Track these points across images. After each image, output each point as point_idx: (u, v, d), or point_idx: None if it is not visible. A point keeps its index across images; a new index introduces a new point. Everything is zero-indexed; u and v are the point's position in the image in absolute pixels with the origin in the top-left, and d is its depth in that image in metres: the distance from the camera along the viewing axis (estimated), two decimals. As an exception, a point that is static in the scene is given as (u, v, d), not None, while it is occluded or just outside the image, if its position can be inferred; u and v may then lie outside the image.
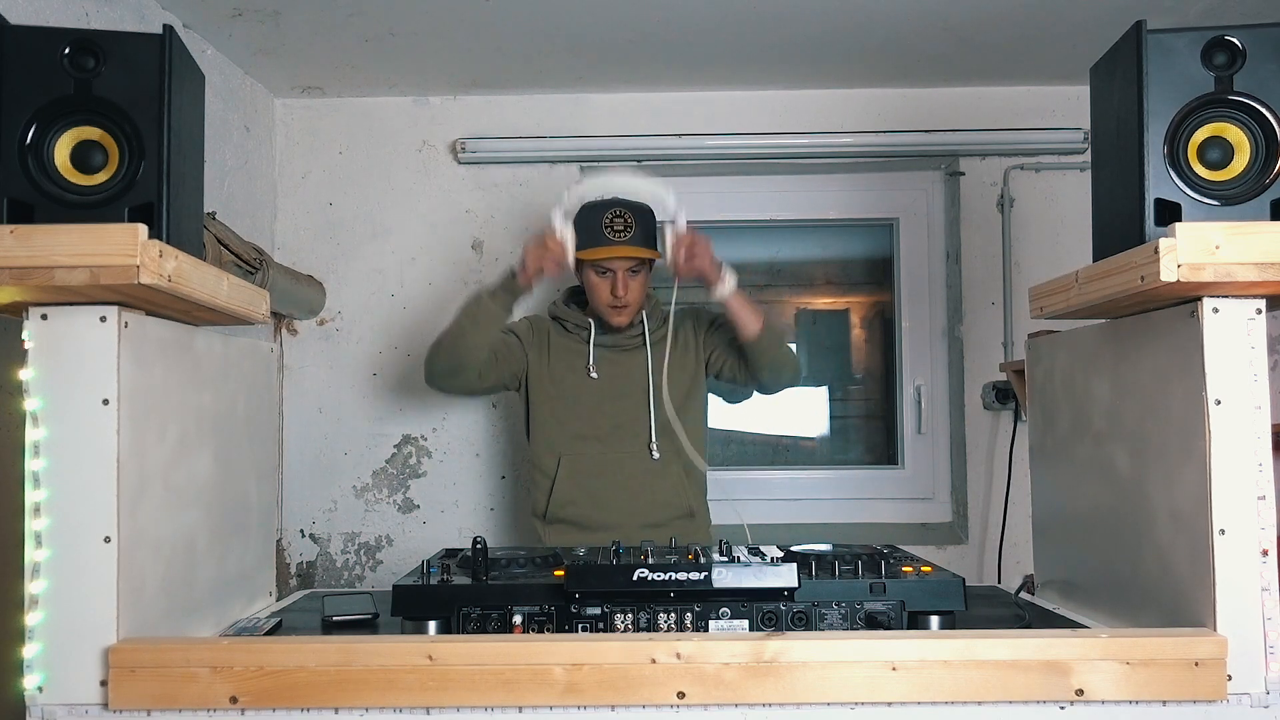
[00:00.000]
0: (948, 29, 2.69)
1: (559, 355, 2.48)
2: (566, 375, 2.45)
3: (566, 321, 2.49)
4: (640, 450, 2.42)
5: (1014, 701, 1.27)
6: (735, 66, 2.97)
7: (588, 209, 2.39)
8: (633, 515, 2.36)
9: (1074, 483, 1.67)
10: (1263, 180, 1.34)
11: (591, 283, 2.41)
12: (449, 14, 2.57)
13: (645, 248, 2.38)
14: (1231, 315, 1.31)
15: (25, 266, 1.21)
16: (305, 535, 3.17)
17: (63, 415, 1.28)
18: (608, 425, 2.42)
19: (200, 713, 1.27)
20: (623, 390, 2.44)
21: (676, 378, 2.43)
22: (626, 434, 2.42)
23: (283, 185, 3.20)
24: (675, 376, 2.42)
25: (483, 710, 1.27)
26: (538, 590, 1.42)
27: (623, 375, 2.46)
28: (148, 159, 1.30)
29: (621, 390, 2.44)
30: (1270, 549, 1.29)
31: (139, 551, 1.32)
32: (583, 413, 2.43)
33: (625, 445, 2.42)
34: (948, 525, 3.18)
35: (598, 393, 2.44)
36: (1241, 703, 1.28)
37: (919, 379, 3.22)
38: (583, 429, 2.42)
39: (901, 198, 3.25)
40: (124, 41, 1.31)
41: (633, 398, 2.44)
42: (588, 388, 2.44)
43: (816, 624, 1.41)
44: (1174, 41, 1.34)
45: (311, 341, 3.18)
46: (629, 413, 2.43)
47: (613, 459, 2.41)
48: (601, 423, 2.42)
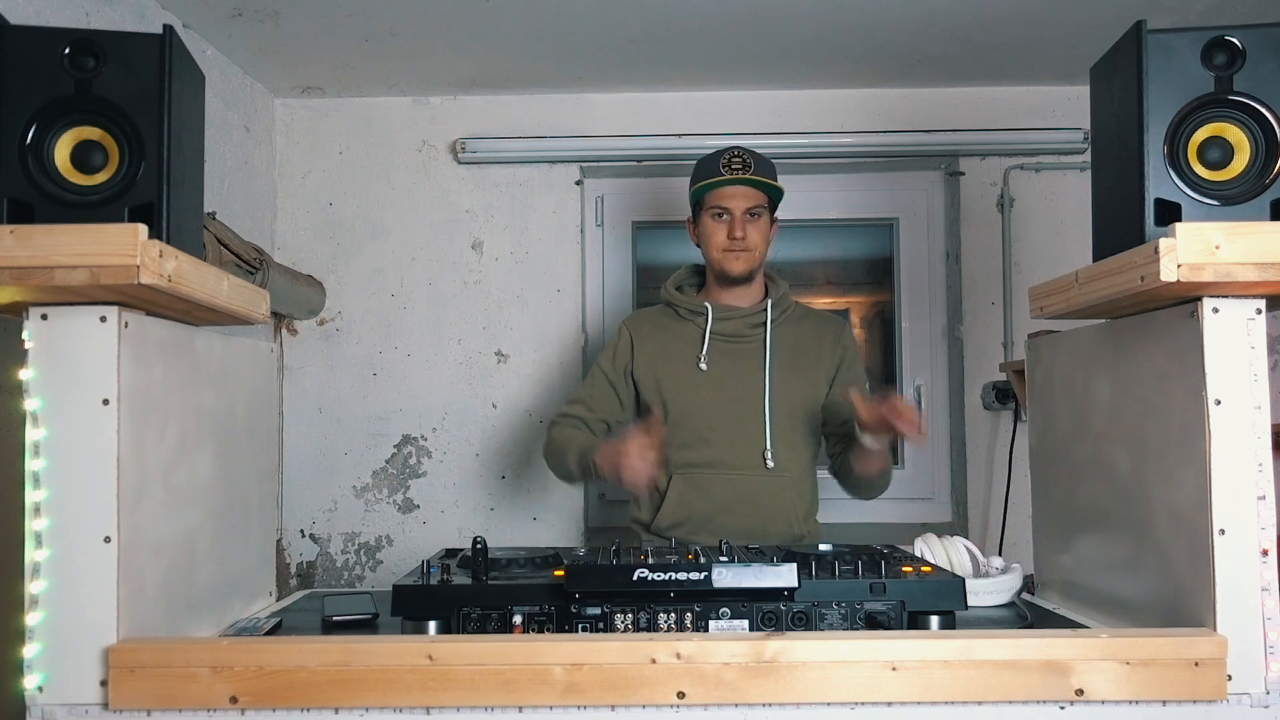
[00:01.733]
0: (948, 29, 2.69)
1: (668, 348, 2.28)
2: (674, 370, 2.25)
3: (679, 306, 2.31)
4: (754, 459, 2.20)
5: (1014, 701, 1.26)
6: (735, 66, 2.97)
7: (706, 156, 2.28)
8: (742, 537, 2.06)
9: (1074, 483, 1.67)
10: (1263, 180, 1.33)
11: (707, 230, 2.25)
12: (449, 14, 2.57)
13: (766, 182, 2.23)
14: (1231, 315, 1.31)
15: (25, 266, 1.21)
16: (305, 535, 3.17)
17: (63, 415, 1.28)
18: (719, 429, 2.21)
19: (200, 713, 1.27)
20: (736, 387, 2.23)
21: (795, 383, 2.24)
22: (740, 439, 2.21)
23: (283, 185, 3.20)
24: (794, 382, 2.24)
25: (483, 710, 1.27)
26: (538, 590, 1.42)
27: (739, 370, 2.24)
28: (148, 159, 1.30)
29: (734, 387, 2.23)
30: (1270, 549, 1.29)
31: (139, 551, 1.32)
32: (693, 416, 2.22)
33: (738, 452, 2.21)
34: (948, 525, 3.18)
35: (709, 389, 2.22)
36: (1241, 703, 1.28)
37: (919, 379, 3.22)
38: (692, 437, 2.21)
39: (901, 198, 3.25)
40: (124, 41, 1.31)
41: (746, 397, 2.22)
42: (697, 383, 2.23)
43: (816, 624, 1.41)
44: (1174, 41, 1.34)
45: (311, 341, 3.18)
46: (742, 414, 2.21)
47: (723, 477, 2.20)
48: (712, 426, 2.21)
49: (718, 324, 2.25)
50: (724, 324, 2.26)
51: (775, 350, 2.25)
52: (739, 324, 2.26)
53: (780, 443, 2.21)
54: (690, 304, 2.29)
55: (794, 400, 2.23)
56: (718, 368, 2.23)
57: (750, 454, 2.21)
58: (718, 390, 2.22)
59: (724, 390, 2.22)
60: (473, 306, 3.18)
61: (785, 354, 2.26)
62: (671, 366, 2.26)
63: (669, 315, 2.33)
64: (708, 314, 2.25)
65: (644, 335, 2.31)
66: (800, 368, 2.26)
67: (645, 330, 2.32)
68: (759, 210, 2.23)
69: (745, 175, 2.20)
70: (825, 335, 2.31)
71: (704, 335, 2.24)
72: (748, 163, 2.22)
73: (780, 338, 2.27)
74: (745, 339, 2.26)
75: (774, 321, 2.27)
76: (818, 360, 2.28)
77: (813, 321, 2.34)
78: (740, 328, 2.26)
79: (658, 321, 2.34)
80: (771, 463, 2.20)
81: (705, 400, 2.22)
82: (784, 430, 2.21)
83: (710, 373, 2.23)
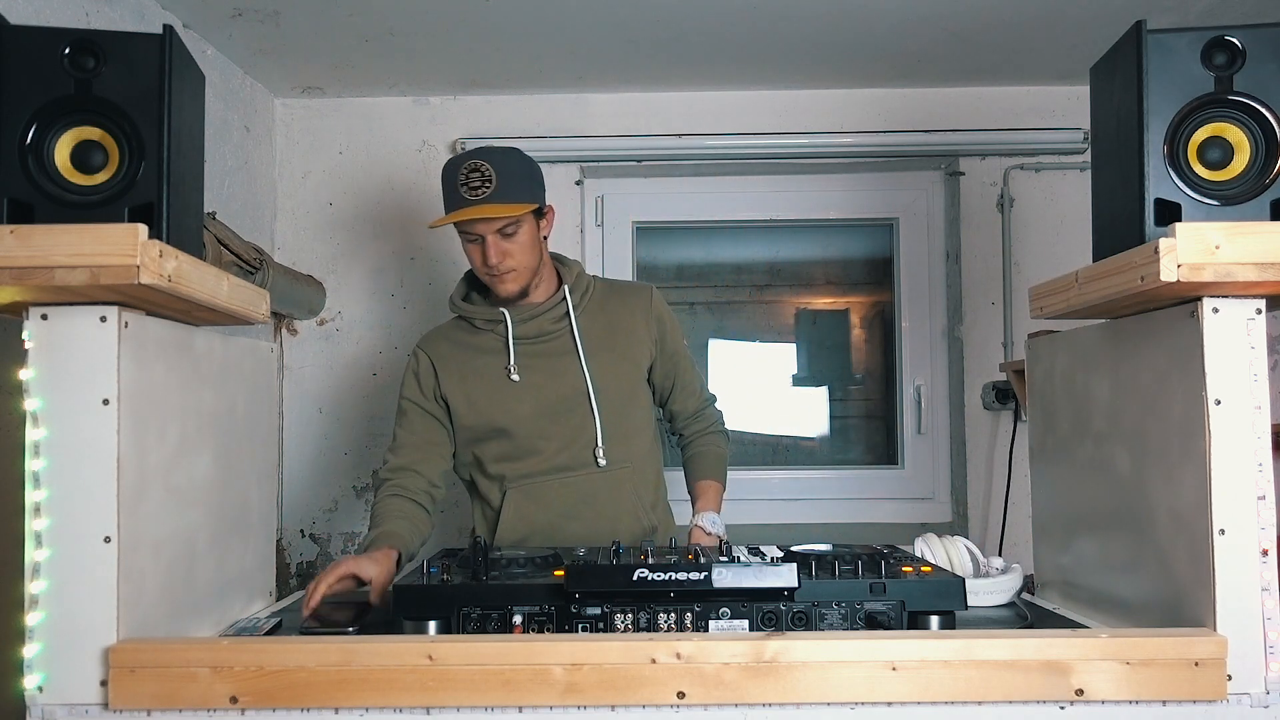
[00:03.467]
0: (948, 29, 2.69)
1: (472, 365, 2.07)
2: (486, 388, 2.06)
3: (474, 318, 2.09)
4: (586, 458, 2.05)
5: (1014, 701, 1.26)
6: (735, 66, 2.97)
7: (447, 166, 2.00)
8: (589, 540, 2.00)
9: (1074, 483, 1.67)
10: (1262, 180, 1.34)
11: (467, 252, 2.03)
12: (449, 14, 2.57)
13: (510, 202, 1.94)
14: (1231, 315, 1.31)
15: (25, 266, 1.21)
16: (305, 535, 3.17)
17: (63, 415, 1.28)
18: (548, 435, 2.05)
19: (200, 713, 1.27)
20: (555, 388, 2.05)
21: (616, 367, 2.09)
22: (570, 442, 2.05)
23: (283, 185, 3.20)
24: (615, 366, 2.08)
25: (483, 710, 1.27)
26: (538, 590, 1.42)
27: (554, 369, 2.06)
28: (148, 159, 1.30)
29: (553, 389, 2.05)
30: (1270, 549, 1.29)
31: (139, 551, 1.32)
32: (515, 431, 2.04)
33: (570, 454, 2.05)
34: (948, 525, 3.18)
35: (526, 399, 2.04)
36: (1241, 703, 1.28)
37: (919, 379, 3.22)
38: (518, 451, 2.05)
39: (901, 198, 3.25)
40: (124, 41, 1.31)
41: (569, 396, 2.06)
42: (515, 396, 2.04)
43: (816, 624, 1.41)
44: (1174, 41, 1.34)
45: (311, 341, 3.18)
46: (567, 414, 2.06)
47: (556, 483, 2.05)
48: (540, 434, 2.05)
49: (519, 327, 2.05)
50: (526, 325, 2.06)
51: (586, 338, 2.07)
52: (542, 321, 2.06)
53: (611, 437, 2.06)
54: (485, 314, 2.08)
55: (620, 386, 2.08)
56: (531, 373, 2.05)
57: (582, 454, 2.05)
58: (536, 397, 2.05)
59: (542, 395, 2.05)
60: (473, 306, 3.17)
61: (598, 339, 2.09)
62: (481, 383, 2.06)
63: (464, 329, 2.12)
64: (506, 320, 2.05)
65: (443, 356, 2.09)
66: (619, 349, 2.09)
67: (443, 350, 2.10)
68: (513, 226, 1.97)
69: (486, 195, 1.93)
70: (636, 308, 2.13)
71: (507, 343, 2.05)
72: (487, 177, 1.93)
73: (589, 324, 2.09)
74: (551, 335, 2.07)
75: (577, 308, 2.09)
76: (633, 336, 2.11)
77: (620, 295, 2.16)
78: (544, 325, 2.06)
79: (454, 339, 2.12)
80: (604, 460, 2.04)
81: (525, 411, 2.04)
82: (614, 421, 2.06)
83: (524, 381, 2.04)
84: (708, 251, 3.37)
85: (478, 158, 1.95)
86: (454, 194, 1.96)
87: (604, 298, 2.15)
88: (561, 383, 2.06)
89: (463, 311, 2.11)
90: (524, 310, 2.07)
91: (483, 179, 1.93)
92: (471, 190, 1.93)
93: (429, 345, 2.13)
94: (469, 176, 1.93)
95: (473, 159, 1.95)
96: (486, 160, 1.94)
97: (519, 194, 1.97)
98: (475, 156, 1.96)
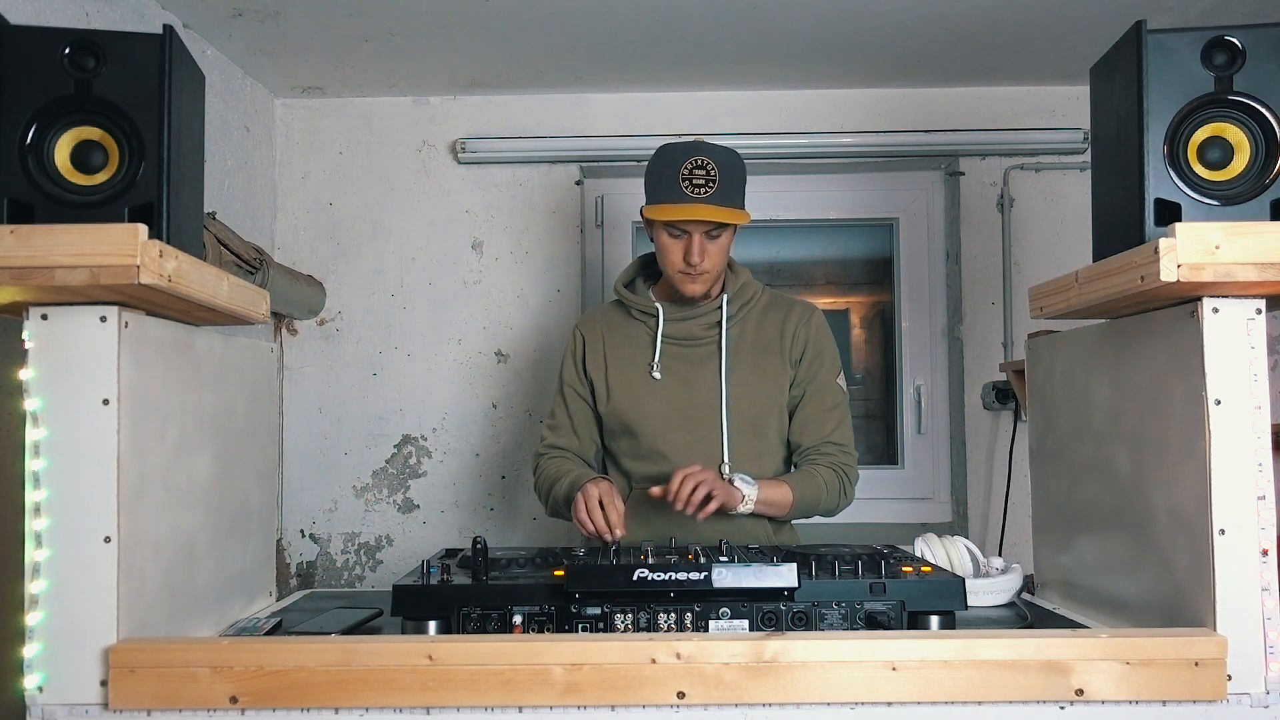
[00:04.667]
0: (948, 29, 2.69)
1: (619, 353, 2.09)
2: (625, 379, 2.07)
3: (631, 305, 2.10)
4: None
5: (1014, 701, 1.26)
6: (735, 66, 2.97)
7: (665, 153, 1.97)
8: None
9: (1074, 483, 1.67)
10: (1263, 180, 1.33)
11: (662, 244, 1.99)
12: (449, 14, 2.57)
13: (730, 208, 1.94)
14: (1231, 315, 1.31)
15: (25, 266, 1.21)
16: (305, 535, 3.17)
17: (63, 415, 1.28)
18: (676, 441, 2.02)
19: (200, 713, 1.27)
20: (691, 396, 2.03)
21: (757, 386, 2.04)
22: (698, 450, 2.01)
23: (283, 185, 3.20)
24: (755, 385, 2.04)
25: (483, 710, 1.27)
26: (538, 590, 1.42)
27: (693, 376, 2.04)
28: (148, 159, 1.30)
29: (689, 396, 2.03)
30: (1270, 549, 1.29)
31: (139, 551, 1.32)
32: (645, 429, 2.03)
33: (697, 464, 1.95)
34: (948, 525, 3.18)
35: (662, 399, 2.03)
36: (1241, 703, 1.28)
37: (919, 379, 3.22)
38: (646, 450, 2.04)
39: (901, 198, 3.25)
40: (124, 41, 1.31)
41: (702, 406, 2.03)
42: (651, 393, 2.04)
43: (816, 624, 1.41)
44: (1174, 41, 1.34)
45: (311, 341, 3.18)
46: (698, 424, 2.03)
47: None
48: (668, 439, 2.03)
49: (670, 326, 2.05)
50: (677, 326, 2.06)
51: (733, 351, 2.05)
52: (693, 325, 2.06)
53: (741, 453, 2.02)
54: (641, 304, 2.09)
55: (756, 405, 2.04)
56: (671, 375, 2.04)
57: (708, 466, 1.96)
58: (671, 400, 2.04)
59: (678, 400, 2.04)
60: (473, 306, 3.18)
61: (745, 354, 2.06)
62: (622, 373, 2.07)
63: (620, 314, 2.13)
64: (659, 315, 2.06)
65: (595, 337, 2.12)
66: (762, 367, 2.06)
67: (596, 332, 2.12)
68: (720, 230, 1.97)
69: (707, 195, 1.91)
70: (787, 326, 2.09)
71: (655, 339, 2.05)
72: (712, 177, 1.91)
73: (739, 336, 2.07)
74: (700, 341, 2.06)
75: (731, 319, 2.06)
76: (780, 355, 2.07)
77: (775, 313, 2.11)
78: (694, 329, 2.06)
79: (609, 321, 2.13)
80: (729, 476, 1.98)
81: (658, 411, 2.04)
82: (744, 439, 2.03)
83: (664, 381, 2.04)
84: (708, 251, 3.36)
85: (702, 154, 1.93)
86: (673, 187, 1.92)
87: (764, 312, 2.11)
88: (697, 391, 2.04)
89: (622, 297, 2.12)
90: (678, 310, 2.07)
91: (707, 178, 1.91)
92: (695, 187, 1.91)
93: (585, 325, 2.16)
94: (693, 173, 1.91)
95: (697, 154, 1.93)
96: (711, 158, 1.93)
97: (738, 198, 1.97)
98: (699, 152, 1.93)
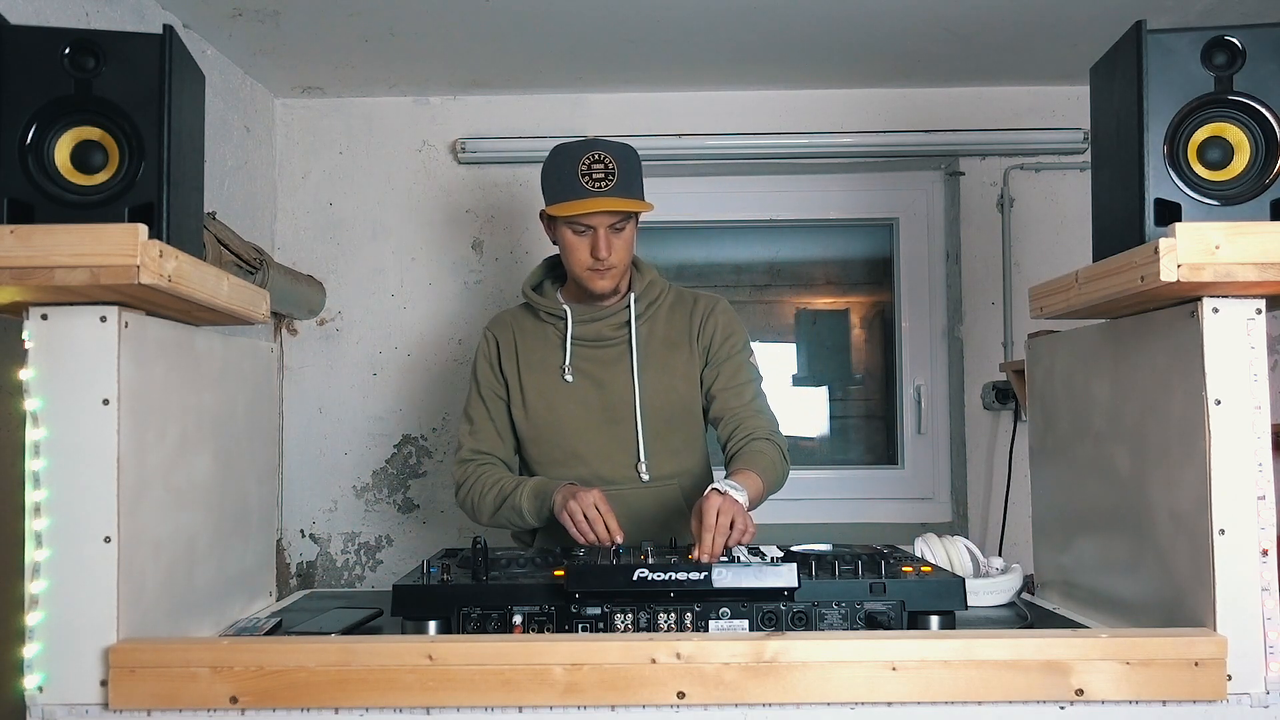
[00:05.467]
0: (948, 29, 2.69)
1: (530, 355, 2.07)
2: (537, 382, 2.05)
3: (539, 308, 2.08)
4: (630, 473, 2.00)
5: (1014, 701, 1.26)
6: (735, 66, 2.97)
7: (560, 153, 1.98)
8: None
9: (1074, 483, 1.67)
10: (1262, 180, 1.34)
11: (567, 242, 1.97)
12: (449, 14, 2.57)
13: (630, 198, 1.94)
14: (1231, 315, 1.31)
15: (25, 266, 1.21)
16: (305, 535, 3.17)
17: (63, 415, 1.28)
18: (591, 442, 2.02)
19: (200, 713, 1.27)
20: (605, 396, 2.03)
21: (669, 383, 2.04)
22: (614, 453, 2.01)
23: (283, 185, 3.20)
24: (667, 382, 2.03)
25: (483, 710, 1.27)
26: (538, 590, 1.42)
27: (605, 376, 2.03)
28: (148, 159, 1.30)
29: (602, 398, 2.03)
30: (1270, 549, 1.29)
31: (139, 551, 1.32)
32: (561, 432, 2.02)
33: (613, 466, 2.01)
34: (948, 525, 3.18)
35: (574, 402, 2.02)
36: (1241, 703, 1.28)
37: (919, 379, 3.22)
38: (562, 454, 2.03)
39: (901, 198, 3.25)
40: (124, 41, 1.31)
41: (616, 406, 2.02)
42: (564, 396, 2.03)
43: (816, 624, 1.41)
44: (1174, 41, 1.34)
45: (311, 341, 3.18)
46: (613, 425, 2.02)
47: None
48: (583, 440, 2.02)
49: (579, 327, 2.03)
50: (586, 327, 2.03)
51: (643, 349, 2.03)
52: (601, 326, 2.04)
53: (657, 452, 2.01)
54: (549, 306, 2.06)
55: (670, 402, 2.03)
56: (583, 376, 2.03)
57: (624, 467, 2.00)
58: (584, 402, 2.02)
59: (590, 402, 2.02)
60: (473, 306, 3.18)
61: (656, 351, 2.04)
62: (534, 376, 2.05)
63: (529, 317, 2.11)
64: (567, 317, 2.03)
65: (507, 339, 2.10)
66: (673, 364, 2.04)
67: (506, 335, 2.10)
68: (624, 222, 1.96)
69: (608, 189, 1.91)
70: (694, 319, 2.07)
71: (565, 341, 2.03)
72: (610, 170, 1.91)
73: (649, 334, 2.05)
74: (609, 342, 2.04)
75: (639, 317, 2.04)
76: (689, 349, 2.05)
77: (682, 306, 2.09)
78: (603, 330, 2.04)
79: (518, 324, 2.11)
80: (646, 475, 1.99)
81: (572, 414, 2.02)
82: (660, 437, 2.01)
83: (576, 383, 2.02)
84: (708, 251, 3.37)
85: (598, 149, 1.93)
86: (572, 183, 1.92)
87: (671, 308, 2.10)
88: (610, 391, 2.03)
89: (530, 299, 2.09)
90: (586, 311, 2.05)
91: (606, 171, 1.91)
92: (594, 181, 1.91)
93: (495, 327, 2.14)
94: (591, 167, 1.91)
95: (594, 150, 1.93)
96: (608, 152, 1.93)
97: (638, 189, 1.98)
98: (595, 148, 1.94)
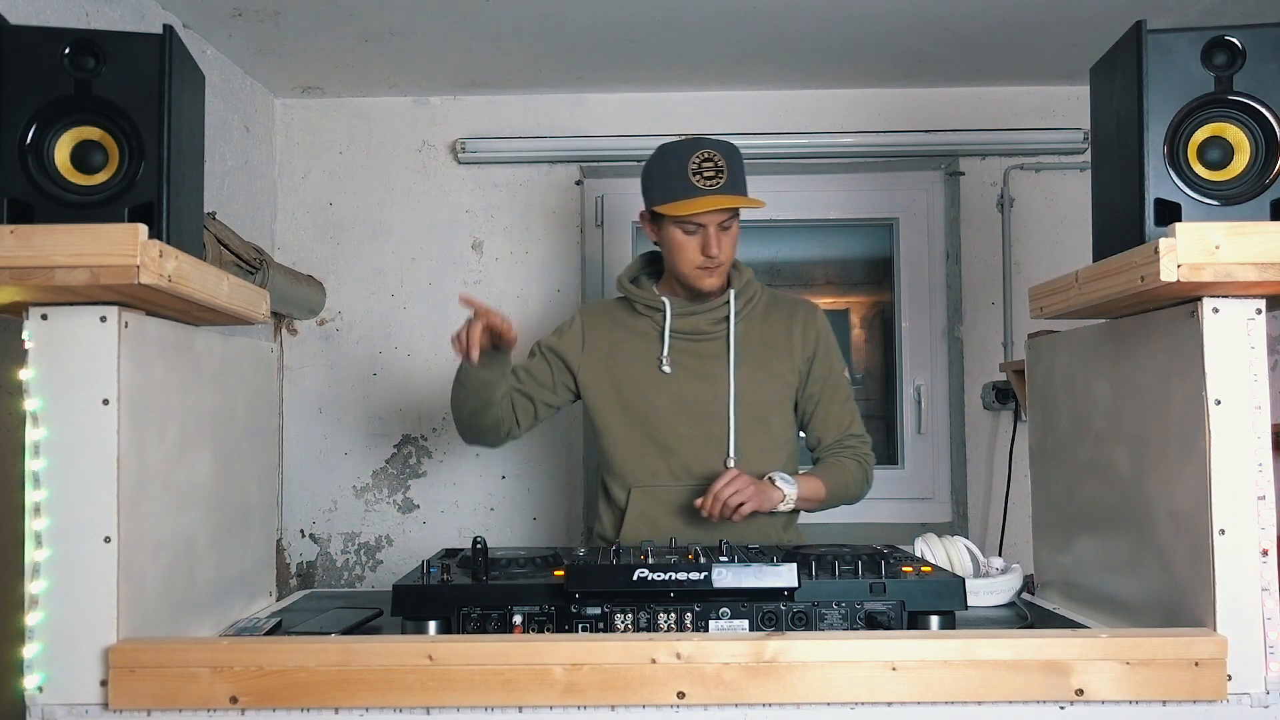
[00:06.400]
0: (948, 29, 2.69)
1: (624, 346, 2.07)
2: (632, 372, 2.05)
3: (636, 300, 2.09)
4: (716, 468, 1.99)
5: (1014, 701, 1.26)
6: (735, 66, 2.97)
7: (667, 152, 1.99)
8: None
9: (1074, 483, 1.67)
10: (1263, 180, 1.33)
11: (676, 242, 1.98)
12: (449, 14, 2.57)
13: (741, 195, 1.96)
14: (1231, 315, 1.31)
15: (25, 266, 1.21)
16: (305, 535, 3.17)
17: (63, 415, 1.28)
18: (683, 435, 2.03)
19: (200, 713, 1.27)
20: (699, 391, 2.03)
21: (764, 382, 2.05)
22: (705, 444, 2.02)
23: (283, 185, 3.20)
24: (763, 380, 2.04)
25: (483, 710, 1.27)
26: (538, 590, 1.42)
27: (701, 371, 2.04)
28: (148, 159, 1.30)
29: (698, 391, 2.03)
30: (1270, 549, 1.29)
31: (139, 551, 1.32)
32: (654, 422, 2.03)
33: (701, 460, 2.01)
34: (948, 525, 3.18)
35: (669, 394, 2.03)
36: (1241, 703, 1.28)
37: (919, 379, 3.22)
38: (653, 444, 2.03)
39: (901, 198, 3.25)
40: (124, 41, 1.31)
41: (711, 401, 2.03)
42: (659, 387, 2.03)
43: (816, 624, 1.40)
44: (1174, 41, 1.34)
45: (311, 341, 3.18)
46: (705, 419, 2.03)
47: (686, 488, 2.00)
48: (675, 432, 2.03)
49: (677, 321, 2.04)
50: (684, 320, 2.05)
51: (741, 347, 2.05)
52: (700, 320, 2.05)
53: (747, 449, 2.02)
54: (647, 299, 2.07)
55: (764, 401, 2.05)
56: (680, 369, 2.04)
57: (713, 460, 2.01)
58: (679, 394, 2.03)
59: (686, 394, 2.03)
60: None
61: (753, 350, 2.06)
62: (629, 368, 2.06)
63: (624, 309, 2.12)
64: (665, 310, 2.05)
65: (599, 329, 2.10)
66: (770, 364, 2.07)
67: (600, 324, 2.11)
68: (730, 220, 1.99)
69: (719, 186, 1.93)
70: (794, 324, 2.10)
71: (663, 333, 2.04)
72: (720, 168, 1.93)
73: (746, 332, 2.07)
74: (708, 336, 2.06)
75: (738, 315, 2.06)
76: (789, 353, 2.08)
77: (781, 310, 2.12)
78: (701, 324, 2.05)
79: (613, 316, 2.12)
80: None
81: (666, 405, 2.03)
82: (752, 435, 2.02)
83: (673, 375, 2.03)
84: (708, 251, 3.36)
85: (707, 147, 1.95)
86: (682, 182, 1.93)
87: (767, 308, 2.12)
88: (705, 386, 2.04)
89: (628, 292, 2.10)
90: (686, 305, 2.07)
91: (716, 169, 1.93)
92: (705, 180, 1.92)
93: (589, 314, 2.15)
94: (702, 165, 1.93)
95: (702, 148, 1.95)
96: (716, 150, 1.95)
97: (744, 185, 1.99)
98: (703, 146, 1.95)
